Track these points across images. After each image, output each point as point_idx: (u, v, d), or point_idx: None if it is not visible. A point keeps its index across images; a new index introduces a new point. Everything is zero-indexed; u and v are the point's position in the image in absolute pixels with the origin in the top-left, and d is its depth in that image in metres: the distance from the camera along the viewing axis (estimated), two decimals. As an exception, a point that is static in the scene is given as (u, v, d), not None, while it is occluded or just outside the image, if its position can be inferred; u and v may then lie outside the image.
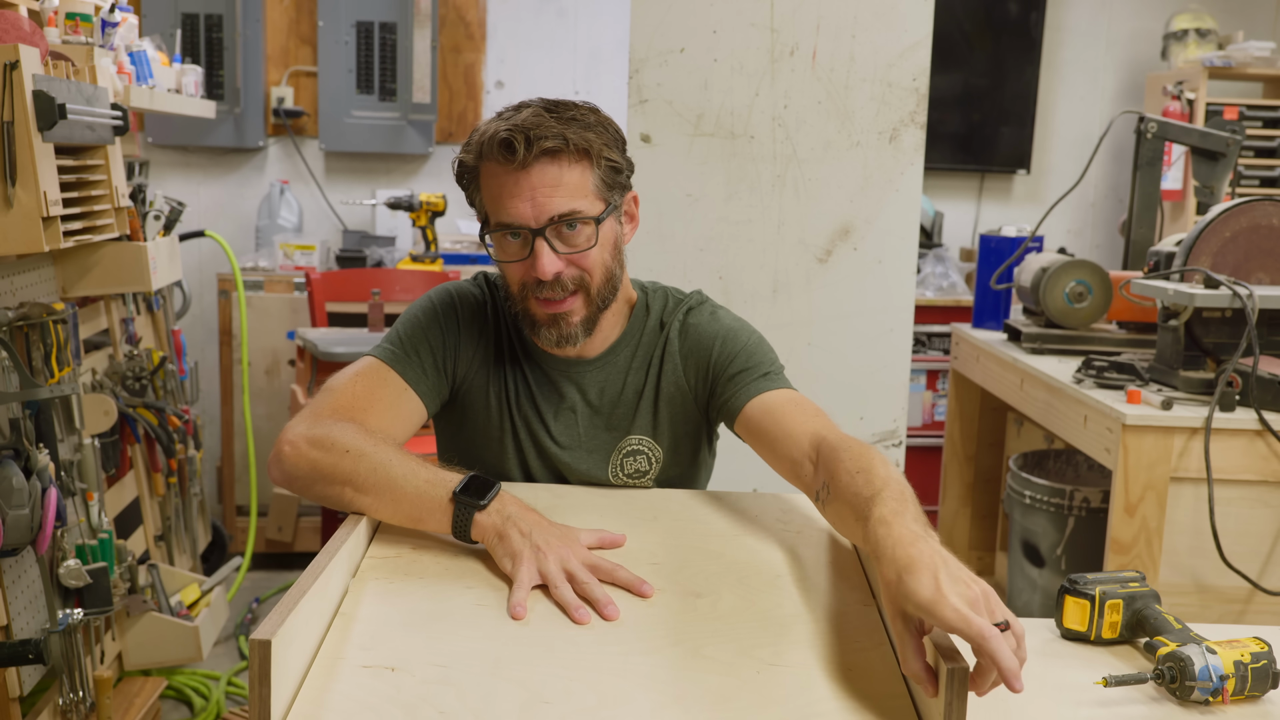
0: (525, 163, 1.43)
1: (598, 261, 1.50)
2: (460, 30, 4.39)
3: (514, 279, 1.51)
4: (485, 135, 1.46)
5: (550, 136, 1.42)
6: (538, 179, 1.44)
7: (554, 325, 1.51)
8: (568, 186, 1.45)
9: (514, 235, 1.47)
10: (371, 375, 1.52)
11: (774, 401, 1.52)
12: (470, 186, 1.52)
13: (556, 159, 1.44)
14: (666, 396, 1.61)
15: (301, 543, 3.84)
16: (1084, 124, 4.65)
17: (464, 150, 1.50)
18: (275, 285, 3.89)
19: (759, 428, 1.52)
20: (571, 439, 1.61)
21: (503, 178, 1.45)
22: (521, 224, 1.45)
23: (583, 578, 1.23)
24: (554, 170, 1.44)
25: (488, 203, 1.49)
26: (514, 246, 1.48)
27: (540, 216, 1.44)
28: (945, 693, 0.95)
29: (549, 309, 1.50)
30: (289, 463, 1.38)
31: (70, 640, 2.18)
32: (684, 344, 1.62)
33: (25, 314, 2.21)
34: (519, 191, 1.44)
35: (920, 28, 2.34)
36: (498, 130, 1.44)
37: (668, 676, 1.07)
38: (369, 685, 1.03)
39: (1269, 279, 2.51)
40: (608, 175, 1.49)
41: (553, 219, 1.45)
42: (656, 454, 1.62)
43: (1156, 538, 2.26)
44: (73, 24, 2.44)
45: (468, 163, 1.49)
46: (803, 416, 1.48)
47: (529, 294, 1.50)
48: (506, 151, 1.42)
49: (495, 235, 1.48)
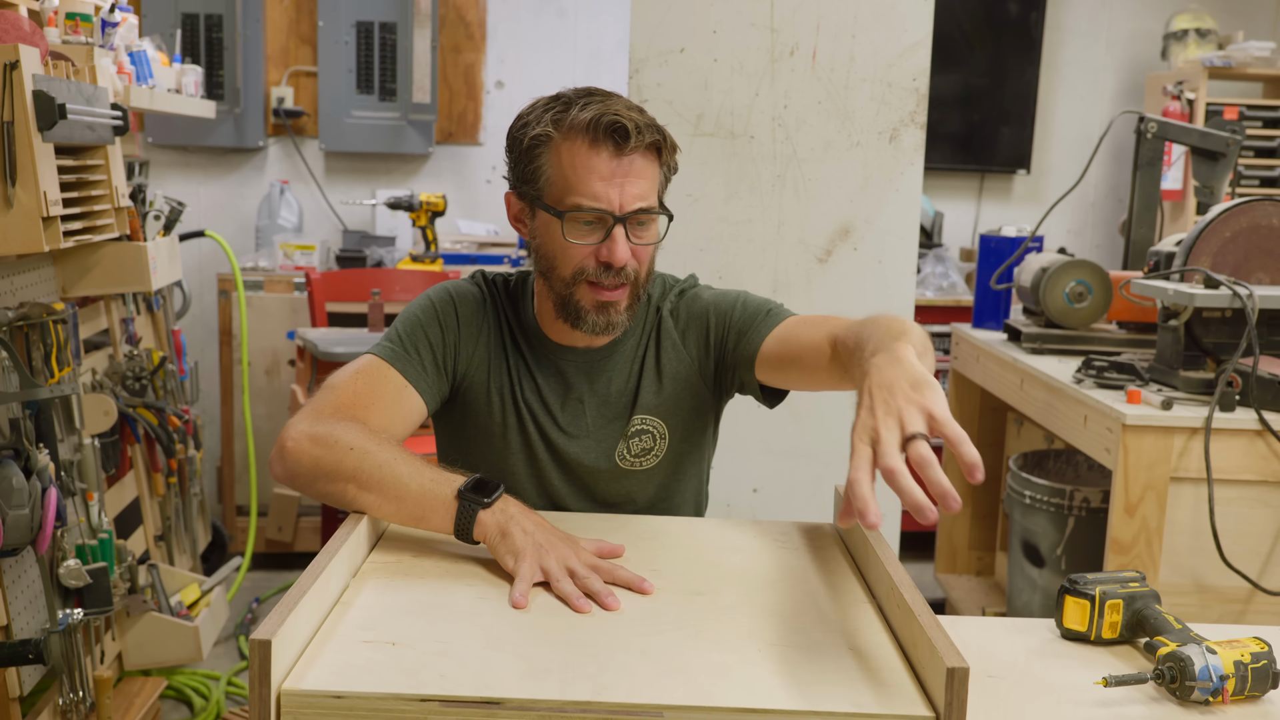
0: (629, 151, 1.45)
1: (651, 255, 1.54)
2: (460, 30, 4.39)
3: (573, 261, 1.50)
4: (578, 115, 1.46)
5: (650, 130, 1.46)
6: (631, 168, 1.46)
7: (603, 312, 1.52)
8: (650, 181, 1.49)
9: (588, 222, 1.48)
10: (372, 373, 1.52)
11: (784, 330, 1.55)
12: (532, 155, 1.50)
13: (647, 154, 1.48)
14: (670, 373, 1.62)
15: (301, 543, 3.84)
16: (1084, 124, 4.65)
17: (540, 122, 1.48)
18: (275, 285, 3.89)
19: (782, 359, 1.54)
20: (580, 428, 1.61)
21: (593, 159, 1.45)
22: (605, 207, 1.46)
23: (584, 574, 1.24)
24: (644, 164, 1.47)
25: (568, 179, 1.47)
26: (585, 230, 1.48)
27: (626, 205, 1.46)
28: (945, 693, 0.95)
29: (601, 296, 1.51)
30: (292, 459, 1.38)
31: (70, 640, 2.18)
32: (679, 322, 1.64)
33: (25, 314, 2.21)
34: (611, 177, 1.45)
35: (920, 28, 2.34)
36: (602, 114, 1.44)
37: (669, 652, 1.08)
38: (369, 655, 1.03)
39: (1269, 279, 2.51)
40: (668, 175, 1.54)
41: (639, 202, 1.47)
42: (662, 431, 1.63)
43: (1156, 538, 2.26)
44: (73, 24, 2.44)
45: (544, 133, 1.48)
46: (813, 329, 1.50)
47: (583, 279, 1.50)
48: (618, 137, 1.44)
49: (571, 215, 1.47)
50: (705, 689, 1.00)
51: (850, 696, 1.00)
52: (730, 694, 0.99)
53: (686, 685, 1.00)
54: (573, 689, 0.98)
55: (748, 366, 1.59)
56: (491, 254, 4.13)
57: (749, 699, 0.99)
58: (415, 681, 0.98)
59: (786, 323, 1.57)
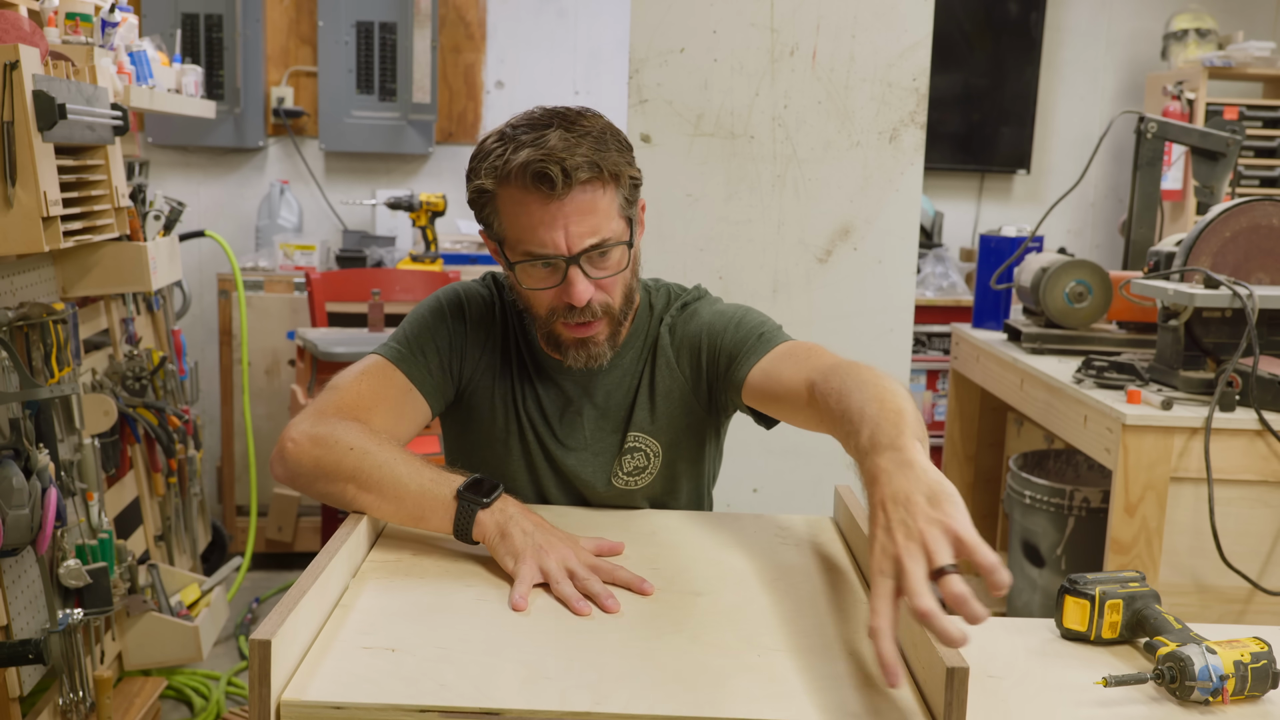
0: (562, 193, 1.38)
1: (620, 283, 1.48)
2: (460, 30, 4.39)
3: (542, 305, 1.47)
4: (510, 161, 1.39)
5: (585, 167, 1.38)
6: (571, 208, 1.39)
7: (582, 347, 1.49)
8: (600, 213, 1.41)
9: (545, 265, 1.43)
10: (376, 374, 1.51)
11: (769, 363, 1.48)
12: (486, 209, 1.46)
13: (588, 187, 1.39)
14: (663, 391, 1.59)
15: (301, 543, 3.84)
16: (1084, 124, 4.65)
17: (479, 173, 1.43)
18: (275, 285, 3.89)
19: (764, 393, 1.48)
20: (578, 441, 1.59)
21: (532, 206, 1.39)
22: (554, 253, 1.40)
23: (584, 575, 1.24)
24: (586, 198, 1.40)
25: (513, 229, 1.43)
26: (543, 274, 1.44)
27: (574, 246, 1.40)
28: (945, 693, 0.95)
29: (577, 333, 1.48)
30: (292, 459, 1.38)
31: (70, 640, 2.18)
32: (674, 340, 1.60)
33: (25, 314, 2.21)
34: (553, 221, 1.39)
35: (920, 28, 2.34)
36: (529, 160, 1.37)
37: (669, 658, 1.08)
38: (368, 662, 1.03)
39: (1269, 279, 2.51)
40: (630, 193, 1.46)
41: (589, 239, 1.41)
42: (654, 449, 1.60)
43: (1156, 538, 2.26)
44: (73, 24, 2.44)
45: (486, 188, 1.43)
46: (794, 367, 1.43)
47: (555, 319, 1.47)
48: (542, 184, 1.37)
49: (520, 265, 1.44)
50: (703, 698, 1.00)
51: (848, 706, 1.00)
52: (728, 704, 0.99)
53: (685, 694, 1.00)
54: (572, 698, 0.98)
55: (736, 393, 1.53)
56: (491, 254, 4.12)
57: (746, 709, 0.98)
58: (415, 691, 0.98)
59: (774, 353, 1.49)
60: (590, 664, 1.05)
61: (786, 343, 1.52)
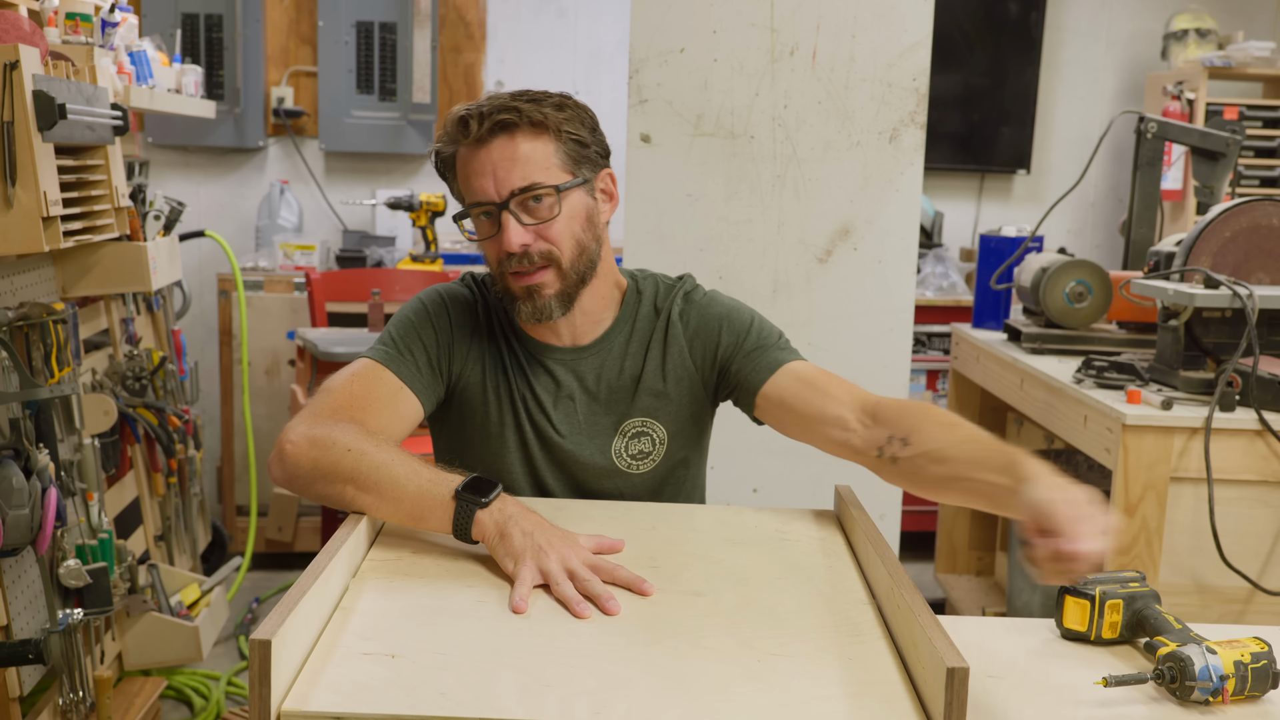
0: (482, 138, 1.48)
1: (565, 233, 1.52)
2: (460, 30, 4.39)
3: (491, 257, 1.54)
4: (448, 119, 1.52)
5: (504, 110, 1.48)
6: (498, 154, 1.48)
7: (529, 299, 1.53)
8: (527, 160, 1.48)
9: (485, 214, 1.51)
10: (367, 375, 1.52)
11: (805, 371, 1.58)
12: (449, 176, 1.56)
13: (513, 134, 1.48)
14: (674, 379, 1.63)
15: (301, 543, 3.84)
16: (1084, 124, 4.65)
17: (437, 140, 1.56)
18: (275, 285, 3.89)
19: (793, 397, 1.56)
20: (572, 427, 1.61)
21: (467, 158, 1.50)
22: (486, 199, 1.49)
23: (584, 575, 1.24)
24: (511, 145, 1.48)
25: (462, 186, 1.54)
26: (486, 224, 1.52)
27: (502, 190, 1.48)
28: (945, 693, 0.95)
29: (522, 281, 1.52)
30: (290, 462, 1.38)
31: (70, 640, 2.18)
32: (687, 327, 1.64)
33: (25, 314, 2.21)
34: (482, 169, 1.49)
35: (920, 28, 2.34)
36: (456, 112, 1.50)
37: (668, 664, 1.08)
38: (368, 669, 1.03)
39: (1269, 279, 2.51)
40: (573, 149, 1.52)
41: (514, 192, 1.48)
42: (660, 435, 1.63)
43: (1156, 538, 2.26)
44: (73, 24, 2.44)
45: (443, 152, 1.54)
46: (841, 383, 1.55)
47: (505, 271, 1.53)
48: (462, 128, 1.49)
49: (471, 215, 1.53)
50: (703, 708, 0.99)
51: (847, 713, 1.00)
52: (728, 713, 0.99)
53: (685, 703, 1.00)
54: (572, 707, 0.98)
55: (747, 393, 1.61)
56: (491, 254, 4.12)
57: (744, 718, 0.98)
58: (415, 700, 0.98)
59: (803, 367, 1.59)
60: (590, 671, 1.05)
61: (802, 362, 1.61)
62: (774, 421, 1.60)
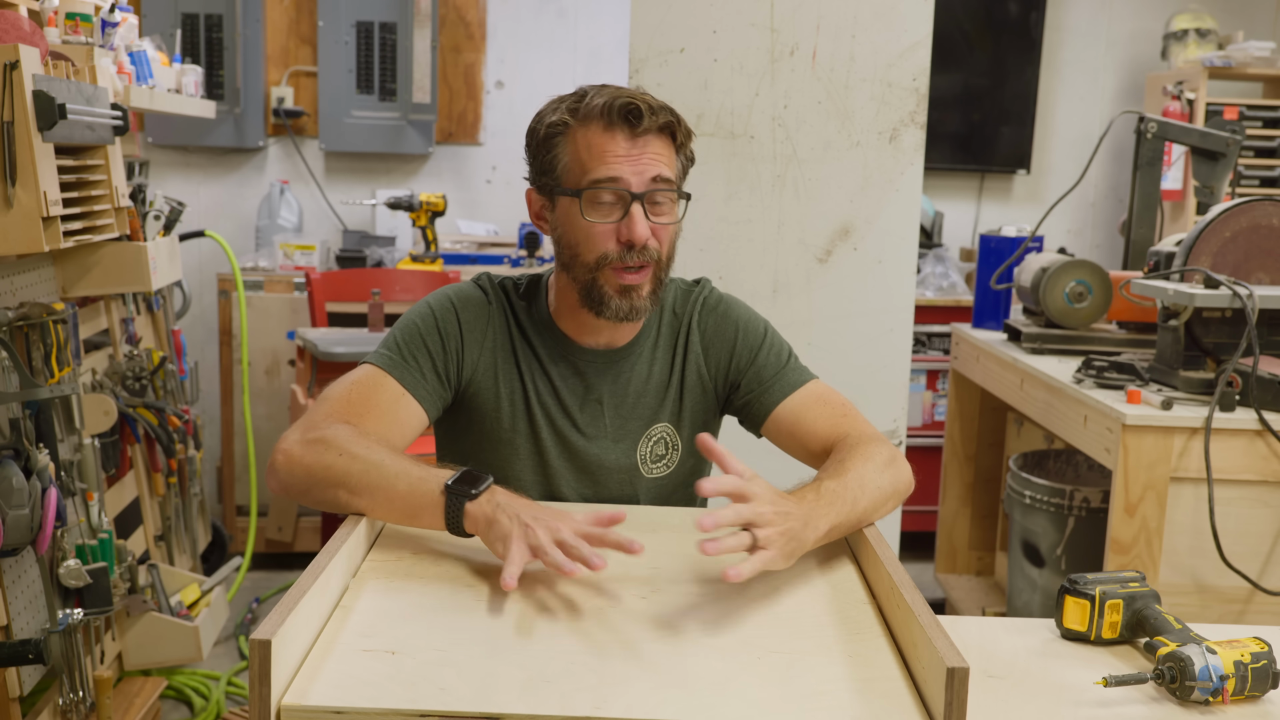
0: (643, 131, 1.49)
1: (671, 238, 1.55)
2: (460, 30, 4.39)
3: (595, 246, 1.51)
4: (592, 102, 1.50)
5: (666, 112, 1.51)
6: (645, 148, 1.49)
7: (625, 296, 1.52)
8: (667, 162, 1.52)
9: (609, 200, 1.50)
10: (368, 382, 1.51)
11: (800, 403, 1.60)
12: (550, 144, 1.53)
13: (663, 135, 1.51)
14: (690, 385, 1.64)
15: (301, 543, 3.84)
16: (1084, 124, 4.65)
17: (555, 111, 1.53)
18: (275, 285, 3.90)
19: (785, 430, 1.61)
20: (598, 430, 1.61)
21: (608, 141, 1.49)
22: (624, 184, 1.48)
23: (572, 543, 1.23)
24: (660, 145, 1.51)
25: (580, 162, 1.50)
26: (606, 208, 1.50)
27: (643, 181, 1.49)
28: (945, 693, 0.95)
29: (624, 279, 1.51)
30: (284, 471, 1.39)
31: (70, 640, 2.18)
32: (704, 336, 1.66)
33: (25, 314, 2.21)
34: (628, 156, 1.49)
35: (920, 28, 2.34)
36: (615, 97, 1.49)
37: (669, 661, 1.08)
38: (368, 665, 1.03)
39: (1269, 279, 2.51)
40: (685, 166, 1.57)
41: (654, 179, 1.49)
42: (676, 441, 1.64)
43: (1156, 538, 2.26)
44: (73, 24, 2.44)
45: (561, 121, 1.52)
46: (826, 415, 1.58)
47: (606, 265, 1.51)
48: (631, 117, 1.48)
49: (589, 193, 1.50)
50: (703, 703, 1.00)
51: (847, 710, 1.00)
52: (727, 709, 0.99)
53: (685, 699, 1.00)
54: (573, 702, 0.98)
55: (753, 421, 1.64)
56: (491, 254, 4.13)
57: (746, 713, 0.98)
58: (415, 695, 0.98)
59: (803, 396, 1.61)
60: (590, 667, 1.05)
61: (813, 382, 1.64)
62: (774, 442, 1.65)
